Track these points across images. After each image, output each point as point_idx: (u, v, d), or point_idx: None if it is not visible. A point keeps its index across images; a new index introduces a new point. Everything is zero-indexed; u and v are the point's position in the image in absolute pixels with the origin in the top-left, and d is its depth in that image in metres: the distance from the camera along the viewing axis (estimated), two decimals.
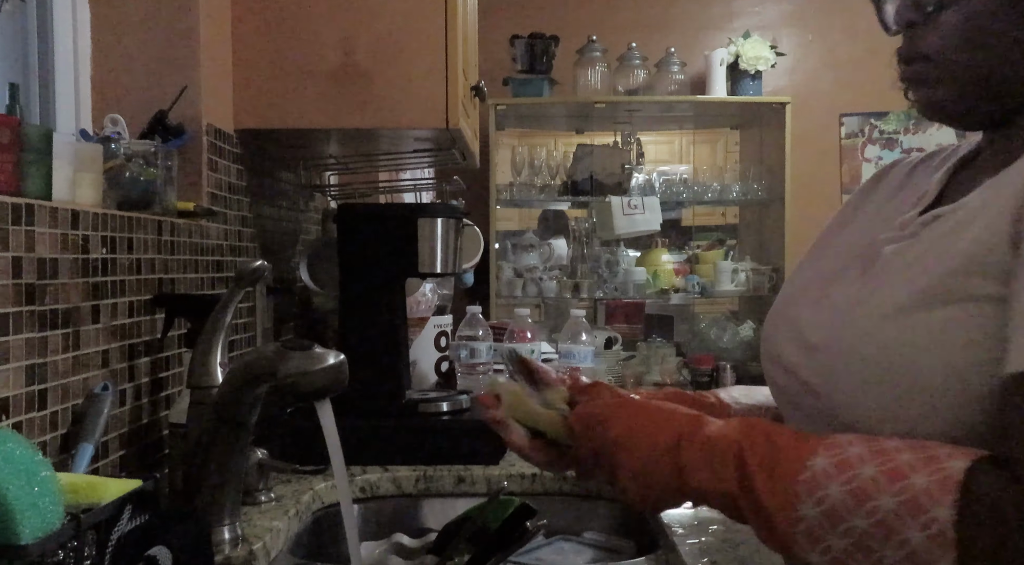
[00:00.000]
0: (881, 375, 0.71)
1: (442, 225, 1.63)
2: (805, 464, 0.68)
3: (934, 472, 0.63)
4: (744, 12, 4.58)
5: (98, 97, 1.50)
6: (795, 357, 0.83)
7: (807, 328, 0.82)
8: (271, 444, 1.35)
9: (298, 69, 1.65)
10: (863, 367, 0.73)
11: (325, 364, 0.99)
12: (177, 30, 1.51)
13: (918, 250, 0.76)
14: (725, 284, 4.11)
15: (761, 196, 4.17)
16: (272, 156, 1.96)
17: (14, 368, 0.98)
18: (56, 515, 0.72)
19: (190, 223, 1.47)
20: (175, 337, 1.40)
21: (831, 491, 0.66)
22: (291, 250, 2.11)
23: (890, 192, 0.92)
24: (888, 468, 0.65)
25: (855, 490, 0.65)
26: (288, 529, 1.28)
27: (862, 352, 0.73)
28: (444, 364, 2.03)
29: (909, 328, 0.70)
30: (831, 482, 0.66)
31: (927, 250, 0.75)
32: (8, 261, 0.96)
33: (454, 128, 1.67)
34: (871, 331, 0.73)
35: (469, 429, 1.57)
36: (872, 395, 0.72)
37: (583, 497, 1.53)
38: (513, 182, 4.12)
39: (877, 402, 0.72)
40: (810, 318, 0.82)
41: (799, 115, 4.19)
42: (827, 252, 0.91)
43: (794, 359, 0.83)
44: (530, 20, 4.31)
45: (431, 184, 2.95)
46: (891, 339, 0.71)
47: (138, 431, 1.29)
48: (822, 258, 0.91)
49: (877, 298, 0.75)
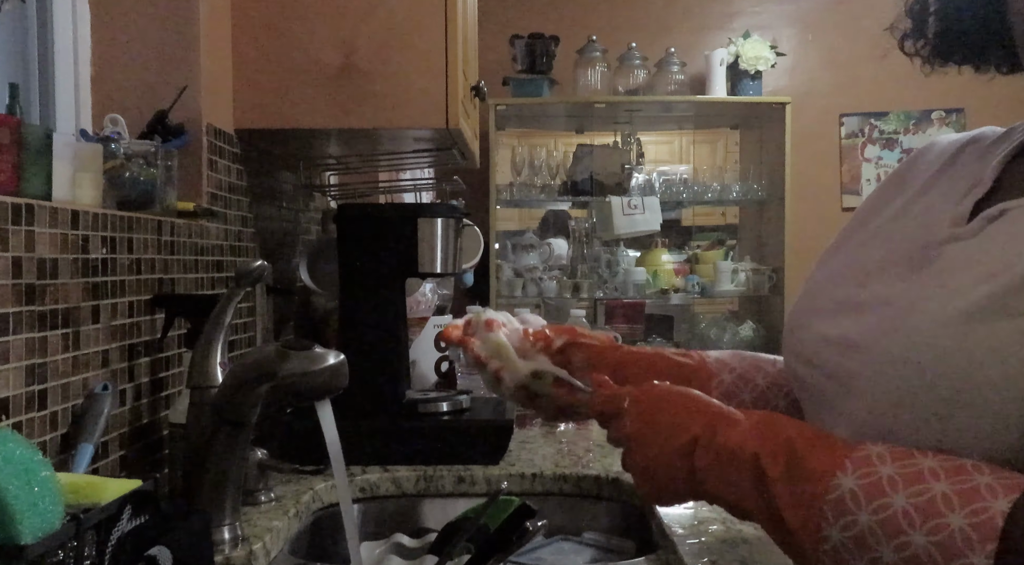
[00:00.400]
0: (932, 384, 0.66)
1: (442, 225, 1.63)
2: (831, 483, 0.65)
3: (973, 514, 0.59)
4: (744, 12, 4.58)
5: (98, 97, 1.50)
6: (829, 354, 0.77)
7: (847, 325, 0.76)
8: (271, 444, 1.35)
9: (298, 69, 1.65)
10: (914, 374, 0.67)
11: (325, 364, 0.99)
12: (177, 30, 1.51)
13: (981, 251, 0.70)
14: (725, 284, 4.11)
15: (761, 196, 4.17)
16: (272, 156, 1.96)
17: (14, 368, 0.98)
18: (56, 515, 0.72)
19: (190, 223, 1.47)
20: (175, 337, 1.40)
21: (860, 518, 0.63)
22: (291, 250, 2.11)
23: (932, 177, 0.85)
24: (923, 501, 0.61)
25: (885, 521, 0.62)
26: (288, 529, 1.28)
27: (916, 358, 0.67)
28: (444, 364, 2.03)
29: (970, 338, 0.65)
30: (860, 510, 0.63)
31: (991, 251, 0.69)
32: (8, 261, 0.96)
33: (454, 128, 1.67)
34: (928, 337, 0.67)
35: (469, 429, 1.57)
36: (918, 404, 0.67)
37: (583, 497, 1.53)
38: (513, 182, 4.13)
39: (921, 412, 0.67)
40: (851, 314, 0.76)
41: (799, 115, 4.19)
42: (865, 240, 0.85)
43: (827, 356, 0.78)
44: (530, 20, 4.32)
45: (431, 184, 2.95)
46: (949, 348, 0.65)
47: (138, 431, 1.29)
48: (859, 247, 0.85)
49: (937, 302, 0.69)
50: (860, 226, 0.88)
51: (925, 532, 0.60)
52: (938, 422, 0.66)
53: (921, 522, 0.60)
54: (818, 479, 0.65)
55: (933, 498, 0.61)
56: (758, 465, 0.69)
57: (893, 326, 0.71)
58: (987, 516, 0.59)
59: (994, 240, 0.70)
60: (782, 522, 0.67)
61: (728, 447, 0.72)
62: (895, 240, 0.81)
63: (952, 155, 0.85)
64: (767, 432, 0.70)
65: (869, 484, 0.63)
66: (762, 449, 0.69)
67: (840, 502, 0.64)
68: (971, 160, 0.82)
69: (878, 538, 0.62)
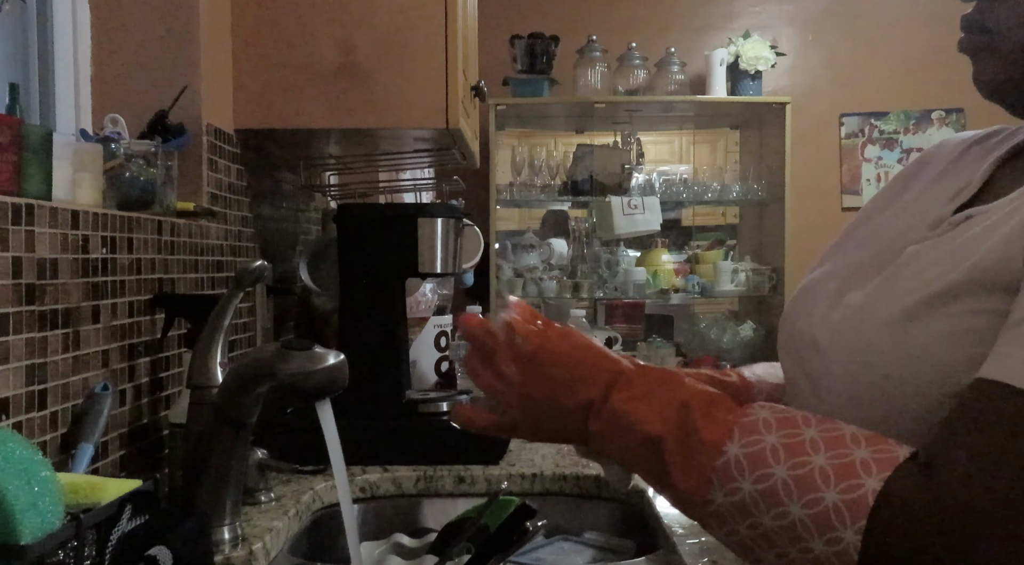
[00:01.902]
0: (878, 384, 0.69)
1: (442, 225, 1.63)
2: (722, 450, 0.67)
3: (847, 490, 0.62)
4: (744, 12, 4.58)
5: (98, 97, 1.50)
6: (804, 353, 0.80)
7: (819, 328, 0.79)
8: (271, 444, 1.35)
9: (298, 69, 1.65)
10: (862, 373, 0.71)
11: (325, 364, 0.99)
12: (177, 30, 1.51)
13: (939, 253, 0.71)
14: (725, 284, 4.11)
15: (761, 196, 4.17)
16: (272, 156, 1.96)
17: (14, 368, 0.98)
18: (56, 515, 0.72)
19: (190, 223, 1.47)
20: (175, 337, 1.40)
21: (743, 486, 0.65)
22: (291, 250, 2.11)
23: (934, 177, 0.85)
24: (802, 474, 0.64)
25: (765, 492, 0.64)
26: (288, 529, 1.28)
27: (864, 359, 0.71)
28: (444, 364, 2.03)
29: (907, 338, 0.68)
30: (743, 478, 0.65)
31: (948, 254, 0.70)
32: (8, 261, 0.96)
33: (454, 128, 1.67)
34: (875, 338, 0.70)
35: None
36: (871, 403, 0.70)
37: (583, 497, 1.53)
38: (513, 182, 4.13)
39: (874, 411, 0.69)
40: (823, 317, 0.79)
41: (799, 115, 4.19)
42: (855, 242, 0.86)
43: (804, 355, 0.80)
44: (530, 20, 4.32)
45: (431, 184, 2.95)
46: (888, 348, 0.69)
47: (138, 431, 1.29)
48: (848, 248, 0.86)
49: (885, 302, 0.71)
50: (860, 225, 0.89)
51: (802, 505, 0.63)
52: (892, 419, 0.68)
53: (799, 495, 0.63)
54: (708, 448, 0.68)
55: (811, 472, 0.63)
56: (650, 437, 0.70)
57: (850, 328, 0.74)
58: (860, 494, 0.61)
59: (951, 242, 0.71)
60: (672, 486, 0.69)
61: (622, 414, 0.72)
62: (877, 241, 0.82)
63: (959, 154, 0.85)
64: (663, 398, 0.71)
65: (753, 453, 0.66)
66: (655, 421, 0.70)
67: (726, 468, 0.66)
68: (973, 160, 0.82)
69: (759, 506, 0.65)
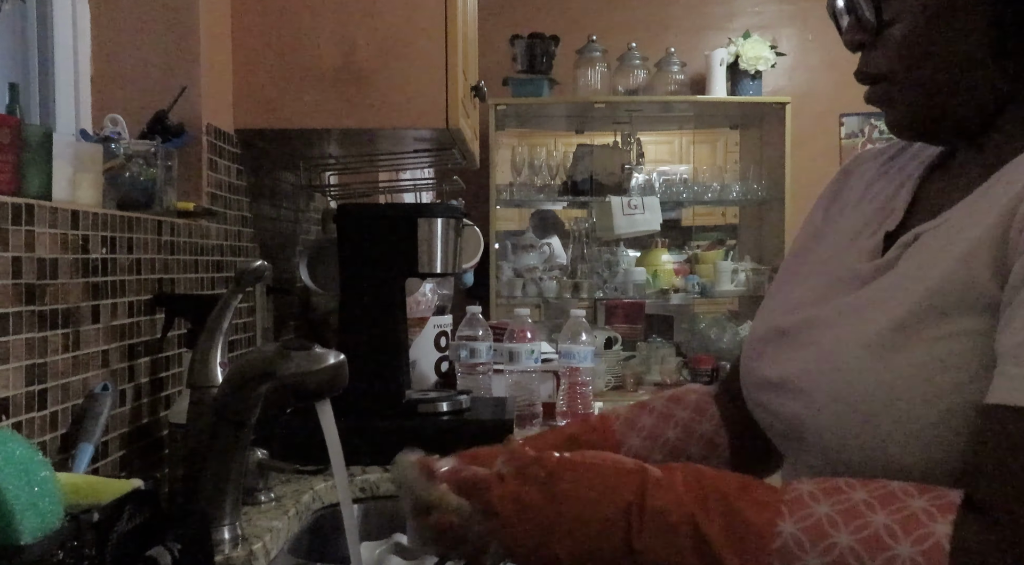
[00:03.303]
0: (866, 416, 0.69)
1: (442, 225, 1.63)
2: (774, 531, 0.64)
3: (919, 541, 0.61)
4: (744, 12, 4.58)
5: (98, 97, 1.50)
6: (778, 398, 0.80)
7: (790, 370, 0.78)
8: (271, 444, 1.35)
9: (298, 69, 1.65)
10: (846, 412, 0.71)
11: (325, 364, 0.99)
12: (177, 30, 1.51)
13: (896, 278, 0.74)
14: (725, 284, 4.11)
15: (761, 196, 4.17)
16: (272, 156, 1.96)
17: (14, 368, 0.98)
18: (56, 515, 0.72)
19: (190, 223, 1.47)
20: (175, 337, 1.40)
21: (809, 563, 0.63)
22: (291, 250, 2.11)
23: (859, 194, 0.89)
24: (868, 536, 0.62)
25: (835, 563, 0.62)
26: (288, 529, 1.28)
27: (847, 397, 0.71)
28: (444, 364, 2.03)
29: (890, 370, 0.69)
30: (807, 554, 0.63)
31: (904, 278, 0.73)
32: (8, 261, 0.96)
33: (454, 128, 1.67)
34: (853, 376, 0.71)
35: (469, 429, 1.57)
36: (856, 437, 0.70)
37: None
38: (513, 182, 4.12)
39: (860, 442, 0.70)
40: (789, 360, 0.79)
41: (799, 115, 4.19)
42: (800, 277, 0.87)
43: (777, 399, 0.80)
44: (530, 20, 4.31)
45: (431, 184, 2.95)
46: (872, 383, 0.69)
47: (138, 431, 1.29)
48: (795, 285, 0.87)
49: (857, 336, 0.72)
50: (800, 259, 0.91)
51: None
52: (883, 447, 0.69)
53: (870, 557, 0.61)
54: (760, 531, 0.65)
55: (876, 531, 0.62)
56: (696, 525, 0.66)
57: (828, 366, 0.74)
58: (933, 541, 0.61)
59: (908, 266, 0.73)
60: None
61: (662, 510, 0.67)
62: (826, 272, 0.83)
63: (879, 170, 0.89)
64: (697, 489, 0.68)
65: (810, 526, 0.64)
66: (697, 509, 0.67)
67: (786, 550, 0.64)
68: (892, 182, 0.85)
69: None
